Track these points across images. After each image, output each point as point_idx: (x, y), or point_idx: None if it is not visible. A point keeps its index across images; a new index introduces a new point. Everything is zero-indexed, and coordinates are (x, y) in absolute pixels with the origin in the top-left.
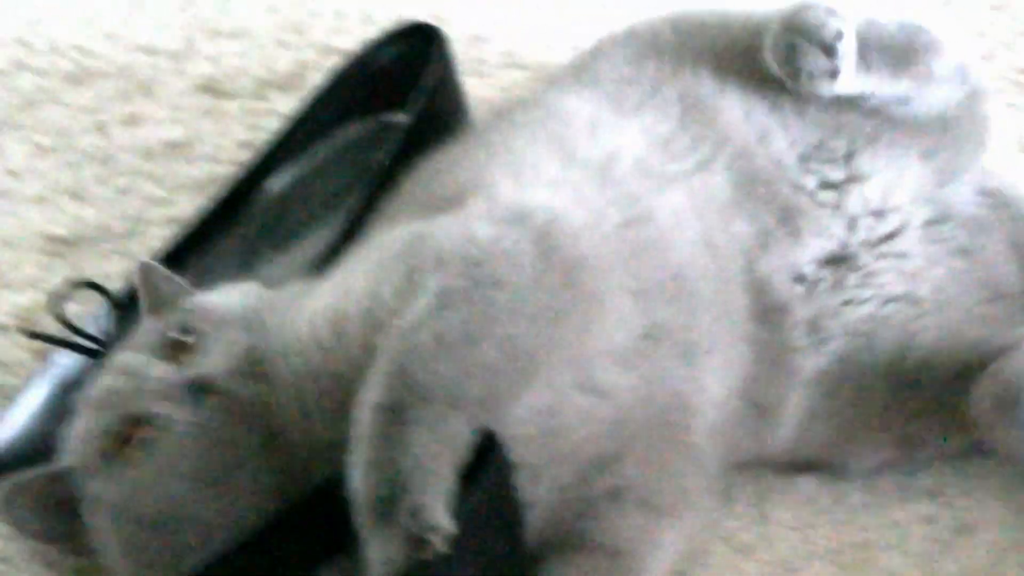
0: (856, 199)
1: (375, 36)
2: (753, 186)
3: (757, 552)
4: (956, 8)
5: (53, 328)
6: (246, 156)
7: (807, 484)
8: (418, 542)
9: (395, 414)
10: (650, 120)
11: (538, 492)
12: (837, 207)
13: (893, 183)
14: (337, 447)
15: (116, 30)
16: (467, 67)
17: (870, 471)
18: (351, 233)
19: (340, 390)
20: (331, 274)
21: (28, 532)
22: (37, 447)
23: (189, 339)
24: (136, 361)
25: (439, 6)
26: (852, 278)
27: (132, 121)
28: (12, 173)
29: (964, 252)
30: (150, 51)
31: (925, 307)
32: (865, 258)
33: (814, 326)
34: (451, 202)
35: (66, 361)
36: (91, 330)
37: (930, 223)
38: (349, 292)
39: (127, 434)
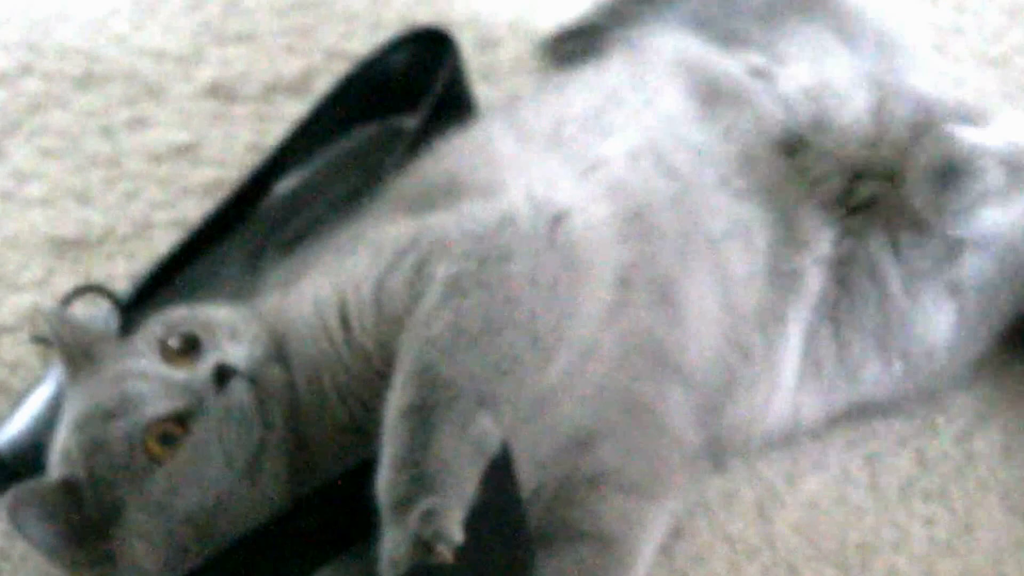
0: (788, 81)
1: (384, 41)
2: (703, 91)
3: (759, 553)
4: (969, 15)
5: None
6: (253, 160)
7: (809, 486)
8: (426, 546)
9: (422, 415)
10: (595, 77)
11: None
12: (770, 90)
13: (820, 64)
14: (349, 430)
15: (123, 34)
16: (477, 72)
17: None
18: None
19: (349, 377)
20: (323, 262)
21: (33, 541)
22: (41, 447)
23: (179, 344)
24: (143, 367)
25: (448, 11)
26: (807, 158)
27: (139, 125)
28: (18, 176)
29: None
30: (157, 55)
31: (896, 172)
32: (813, 136)
33: (806, 223)
34: (439, 196)
35: None
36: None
37: (879, 104)
38: (354, 282)
39: (165, 432)
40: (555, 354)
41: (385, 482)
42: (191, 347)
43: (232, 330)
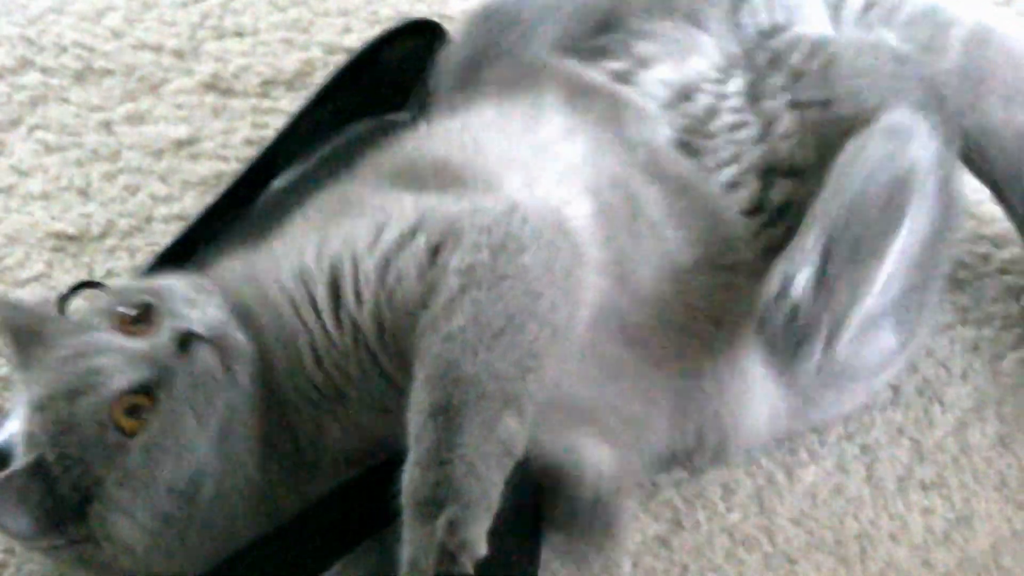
0: (654, 84)
1: (378, 34)
2: (575, 100)
3: (758, 544)
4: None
5: None
6: (252, 154)
7: (807, 477)
8: (449, 555)
9: (448, 415)
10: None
11: None
12: (639, 93)
13: (682, 60)
14: (328, 395)
15: (122, 28)
16: None
17: None
18: None
19: (331, 346)
20: (291, 228)
21: (9, 530)
22: None
23: (134, 314)
24: (102, 340)
25: (442, 5)
26: (708, 161)
27: (138, 119)
28: (19, 170)
29: (804, 103)
30: (156, 49)
31: (799, 167)
32: (702, 141)
33: (729, 229)
34: (429, 174)
35: None
36: None
37: (753, 84)
38: (351, 255)
39: (133, 405)
40: (569, 346)
41: (410, 483)
42: (146, 316)
43: (187, 296)
